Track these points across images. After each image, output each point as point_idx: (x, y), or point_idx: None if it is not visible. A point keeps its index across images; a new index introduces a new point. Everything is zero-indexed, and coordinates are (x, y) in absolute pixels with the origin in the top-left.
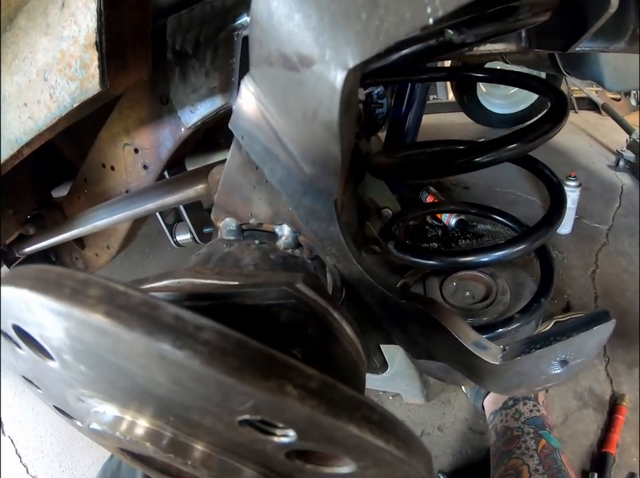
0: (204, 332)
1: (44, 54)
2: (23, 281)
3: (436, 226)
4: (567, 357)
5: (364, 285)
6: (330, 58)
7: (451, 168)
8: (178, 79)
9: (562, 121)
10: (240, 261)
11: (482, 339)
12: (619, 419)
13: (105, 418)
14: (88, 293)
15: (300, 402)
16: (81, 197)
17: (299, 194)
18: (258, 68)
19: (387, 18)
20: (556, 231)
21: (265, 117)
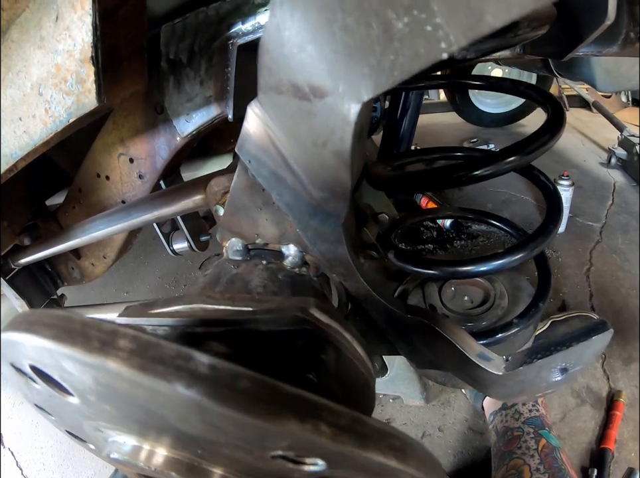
0: (240, 381)
1: (38, 67)
2: (45, 329)
3: (431, 228)
4: (567, 365)
5: (371, 302)
6: (344, 92)
7: (451, 182)
8: (172, 89)
9: (560, 131)
10: (248, 282)
11: (485, 351)
12: (617, 415)
13: (126, 448)
14: (118, 345)
15: (333, 440)
16: (77, 207)
17: (307, 217)
18: (267, 95)
19: (402, 53)
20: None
21: (273, 142)
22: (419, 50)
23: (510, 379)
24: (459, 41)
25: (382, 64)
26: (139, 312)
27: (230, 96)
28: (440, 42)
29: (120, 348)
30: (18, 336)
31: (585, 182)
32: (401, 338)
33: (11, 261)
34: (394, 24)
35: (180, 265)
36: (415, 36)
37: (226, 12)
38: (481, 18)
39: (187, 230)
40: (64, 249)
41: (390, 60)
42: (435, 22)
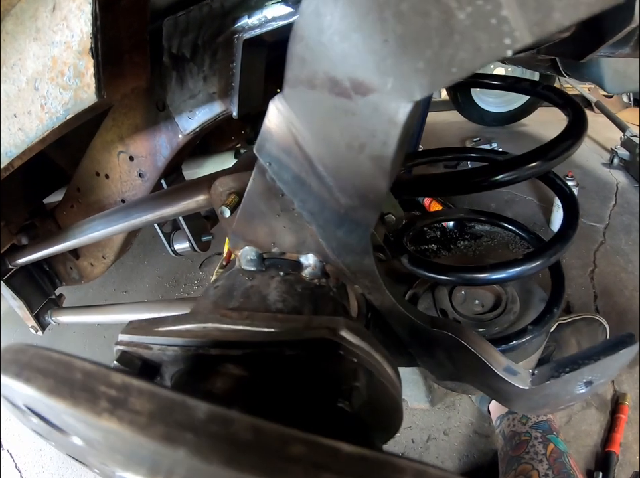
0: (292, 446)
1: (33, 61)
2: (39, 378)
3: (434, 228)
4: (593, 378)
5: (395, 315)
6: (392, 88)
7: (468, 188)
8: (175, 85)
9: (582, 136)
10: (266, 297)
11: (511, 364)
12: (622, 418)
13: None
14: (134, 408)
15: None
16: (75, 206)
17: (333, 227)
18: (295, 89)
19: (462, 47)
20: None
21: (297, 142)
22: (481, 45)
23: (535, 393)
24: (524, 38)
25: (439, 58)
26: (145, 329)
27: (235, 93)
28: (505, 37)
29: (136, 411)
30: (7, 380)
31: (587, 183)
32: (424, 351)
33: (8, 261)
34: (455, 13)
35: (180, 264)
36: (478, 29)
37: (231, 6)
38: (550, 14)
39: (189, 230)
40: (62, 249)
41: (448, 54)
42: (501, 15)
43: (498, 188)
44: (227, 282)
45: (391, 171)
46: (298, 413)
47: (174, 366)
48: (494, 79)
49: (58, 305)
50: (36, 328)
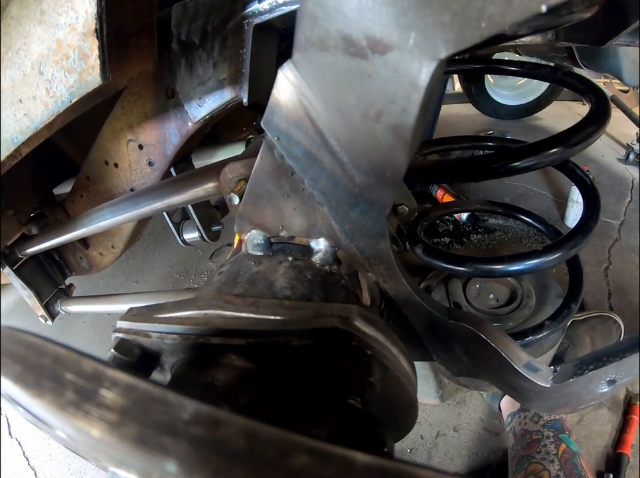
0: (294, 457)
1: (38, 44)
2: (8, 363)
3: (447, 221)
4: (617, 377)
5: (412, 306)
6: (414, 45)
7: (487, 173)
8: (184, 71)
9: (605, 123)
10: (273, 283)
11: (533, 360)
12: (634, 419)
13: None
14: (103, 401)
15: None
16: (84, 195)
17: (346, 207)
18: (305, 53)
19: (492, 1)
20: (567, 218)
21: (308, 114)
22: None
23: (556, 391)
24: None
25: (467, 11)
26: (144, 316)
27: (245, 79)
28: None
29: (107, 406)
30: None
31: (603, 178)
32: (441, 344)
33: (18, 250)
34: None
35: (190, 254)
36: None
37: None
38: None
39: (198, 220)
40: (71, 238)
41: (477, 7)
42: None
43: (516, 178)
44: (232, 267)
45: (411, 143)
46: (304, 411)
47: (174, 356)
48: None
49: (67, 295)
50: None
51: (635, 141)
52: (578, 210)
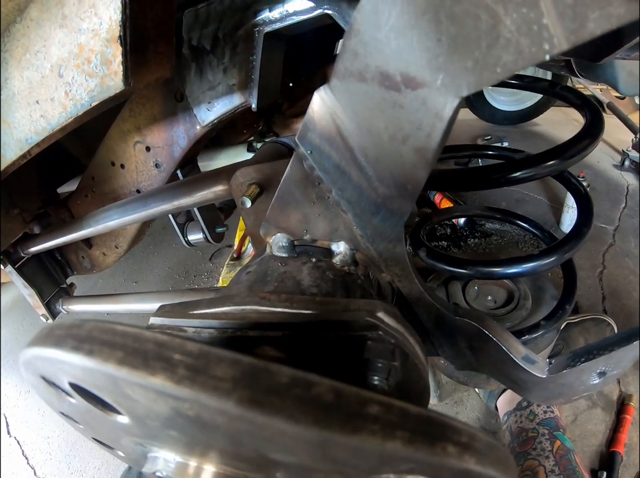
0: (369, 407)
1: (59, 47)
2: (105, 351)
3: (445, 225)
4: (607, 369)
5: (422, 304)
6: (442, 84)
7: (488, 183)
8: (194, 76)
9: (599, 137)
10: (300, 282)
11: (530, 353)
12: (627, 419)
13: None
14: (215, 373)
15: (459, 459)
16: (89, 196)
17: (369, 215)
18: (344, 81)
19: (507, 50)
20: (563, 223)
21: (340, 132)
22: (523, 49)
23: (552, 382)
24: (561, 44)
25: (486, 59)
26: (179, 312)
27: (255, 85)
28: (544, 43)
29: (219, 378)
30: (63, 355)
31: (598, 184)
32: (447, 340)
33: (21, 249)
34: (502, 19)
35: (190, 255)
36: (521, 34)
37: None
38: (585, 24)
39: (203, 221)
40: (76, 238)
41: (494, 56)
42: (542, 22)
43: (513, 186)
44: (260, 268)
45: (431, 163)
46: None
47: None
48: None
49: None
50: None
51: (631, 147)
52: (573, 216)
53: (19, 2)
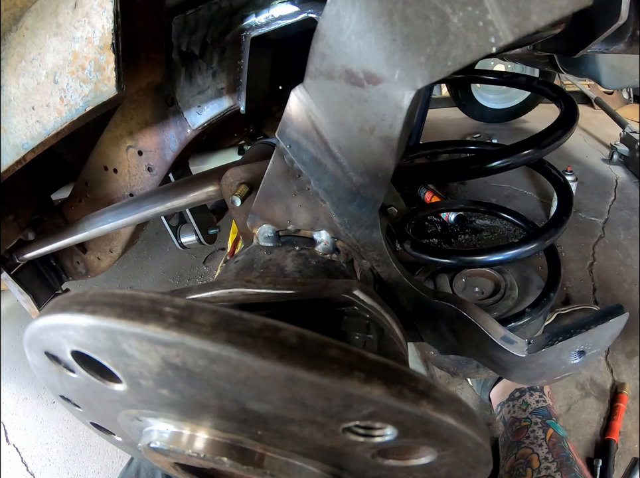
0: (329, 349)
1: (54, 55)
2: (106, 309)
3: (435, 222)
4: (585, 348)
5: (401, 287)
6: (399, 79)
7: (467, 174)
8: (184, 81)
9: (573, 126)
10: (284, 268)
11: (509, 334)
12: (621, 407)
13: (165, 436)
14: (198, 320)
15: (415, 404)
16: (83, 201)
17: (345, 203)
18: (316, 80)
19: (456, 45)
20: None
21: (315, 127)
22: (471, 44)
23: (532, 361)
24: (507, 37)
25: (437, 54)
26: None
27: (243, 88)
28: (490, 37)
29: (201, 323)
30: (68, 318)
31: (587, 178)
32: (428, 324)
33: (16, 255)
34: (450, 17)
35: (184, 259)
36: (468, 30)
37: (239, 5)
38: (528, 17)
39: (196, 223)
40: (71, 242)
41: (444, 51)
42: (487, 18)
43: (502, 178)
44: (247, 257)
45: (397, 150)
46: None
47: None
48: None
49: None
50: None
51: (619, 141)
52: None
53: (14, 12)
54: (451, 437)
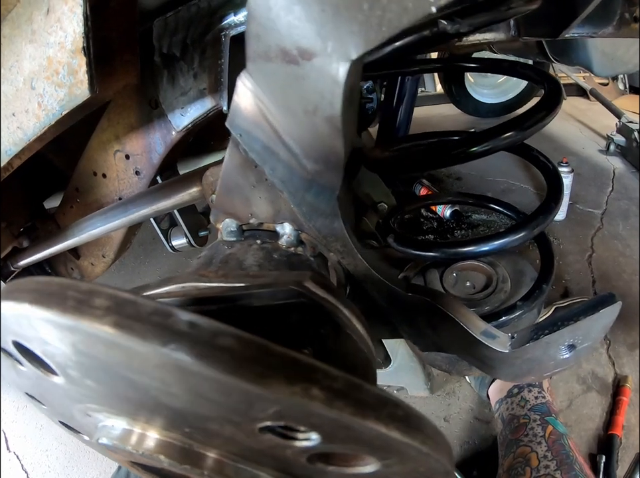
0: (221, 338)
1: (30, 61)
2: (23, 294)
3: (431, 218)
4: (575, 341)
5: (370, 280)
6: (332, 50)
7: (448, 159)
8: (166, 83)
9: (557, 108)
10: (242, 262)
11: (490, 328)
12: (623, 401)
13: (115, 432)
14: (94, 304)
15: (327, 405)
16: (74, 207)
17: (302, 192)
18: (256, 64)
19: (389, 8)
20: (554, 217)
21: (264, 114)
22: (407, 5)
23: (517, 357)
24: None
25: (370, 20)
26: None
27: (224, 88)
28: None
29: (96, 307)
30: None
31: (584, 170)
32: (404, 319)
33: (11, 263)
34: None
35: (180, 264)
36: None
37: (217, 4)
38: None
39: (185, 226)
40: (63, 248)
41: (377, 16)
42: None
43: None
44: (208, 252)
45: (343, 130)
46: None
47: None
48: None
49: None
50: None
51: (615, 131)
52: None
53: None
54: (385, 445)
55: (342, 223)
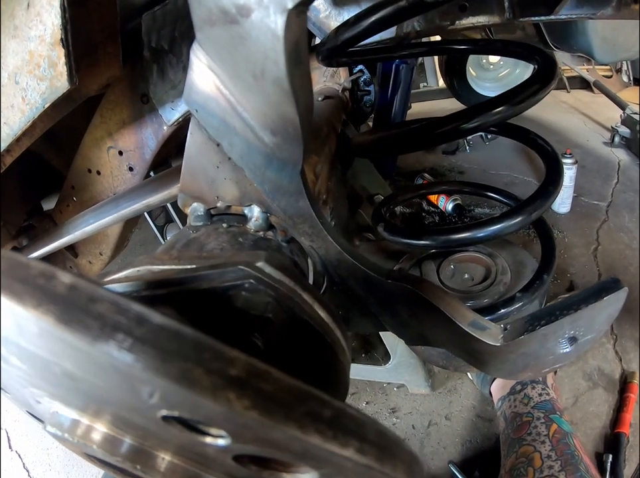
0: (97, 304)
1: (13, 57)
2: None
3: (433, 213)
4: (577, 333)
5: (345, 266)
6: (269, 2)
7: (435, 138)
8: (156, 77)
9: (551, 82)
10: (204, 246)
11: (479, 319)
12: (631, 397)
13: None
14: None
15: (212, 393)
16: (70, 205)
17: (262, 168)
18: (202, 31)
19: None
20: (554, 202)
21: (217, 86)
22: None
23: (510, 351)
24: None
25: None
26: (95, 280)
27: None
28: None
29: (52, 295)
30: None
31: (589, 162)
32: (385, 309)
33: None
34: None
35: None
36: None
37: None
38: None
39: (180, 221)
40: (58, 246)
41: None
42: None
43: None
44: (173, 238)
45: (294, 94)
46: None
47: None
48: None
49: None
50: None
51: (620, 123)
52: (563, 193)
53: None
54: (306, 451)
55: (308, 201)
